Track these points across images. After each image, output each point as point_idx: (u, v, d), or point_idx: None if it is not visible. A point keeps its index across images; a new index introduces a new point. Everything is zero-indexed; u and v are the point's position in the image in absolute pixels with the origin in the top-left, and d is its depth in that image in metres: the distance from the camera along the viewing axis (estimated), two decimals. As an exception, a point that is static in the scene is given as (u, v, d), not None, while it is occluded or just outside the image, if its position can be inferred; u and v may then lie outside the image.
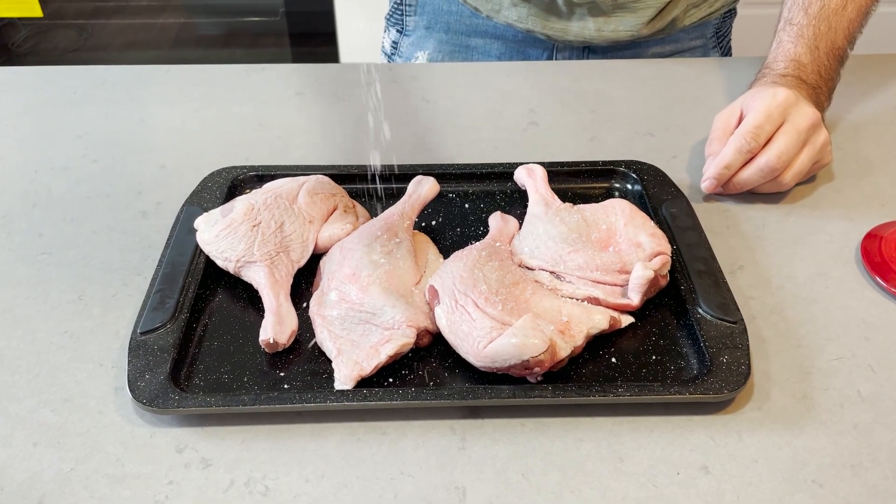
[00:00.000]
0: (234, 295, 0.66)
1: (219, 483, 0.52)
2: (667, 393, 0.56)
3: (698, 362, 0.59)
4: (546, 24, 0.98)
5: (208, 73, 0.99)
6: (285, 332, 0.60)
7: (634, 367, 0.59)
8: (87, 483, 0.52)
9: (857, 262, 0.70)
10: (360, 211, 0.72)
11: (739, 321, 0.60)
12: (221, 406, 0.55)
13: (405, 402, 0.55)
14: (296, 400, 0.55)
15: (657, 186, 0.75)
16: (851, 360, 0.61)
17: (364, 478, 0.53)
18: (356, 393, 0.56)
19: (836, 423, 0.56)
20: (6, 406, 0.57)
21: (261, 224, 0.66)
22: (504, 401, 0.56)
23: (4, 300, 0.66)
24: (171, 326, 0.60)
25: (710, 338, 0.59)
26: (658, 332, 0.62)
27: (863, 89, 0.96)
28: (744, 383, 0.56)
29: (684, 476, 0.53)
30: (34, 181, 0.80)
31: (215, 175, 0.76)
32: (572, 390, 0.56)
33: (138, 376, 0.56)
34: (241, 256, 0.64)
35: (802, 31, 0.84)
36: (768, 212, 0.76)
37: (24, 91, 0.94)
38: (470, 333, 0.57)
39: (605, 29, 0.98)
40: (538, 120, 0.90)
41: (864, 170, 0.82)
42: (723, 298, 0.62)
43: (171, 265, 0.65)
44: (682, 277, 0.65)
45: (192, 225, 0.68)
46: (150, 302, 0.62)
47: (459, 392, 0.56)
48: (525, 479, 0.53)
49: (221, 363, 0.60)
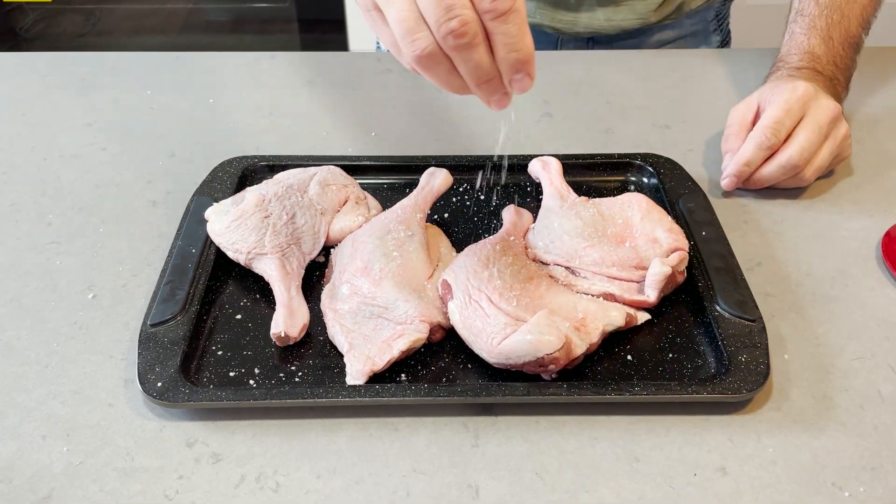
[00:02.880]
0: (244, 287, 0.65)
1: (229, 478, 0.52)
2: (684, 392, 0.55)
3: (716, 361, 0.58)
4: (555, 16, 0.97)
5: (218, 60, 0.98)
6: (297, 326, 0.59)
7: (651, 365, 0.58)
8: (96, 476, 0.52)
9: (877, 259, 0.69)
10: (371, 203, 0.71)
11: (758, 319, 0.59)
12: (232, 400, 0.55)
13: (417, 398, 0.55)
14: (307, 395, 0.55)
15: (674, 180, 0.74)
16: (872, 359, 0.60)
17: (376, 474, 0.52)
18: (368, 388, 0.55)
19: (856, 425, 0.55)
20: (15, 397, 0.56)
21: (272, 215, 0.65)
22: (518, 398, 0.55)
23: (13, 290, 0.65)
24: (181, 318, 0.59)
25: (729, 336, 0.58)
26: (675, 330, 0.61)
27: (881, 82, 0.94)
28: (763, 383, 0.55)
29: (701, 477, 0.52)
30: (43, 169, 0.79)
31: (226, 165, 0.75)
32: (587, 388, 0.55)
33: (148, 369, 0.56)
34: (252, 248, 0.63)
35: (815, 22, 0.82)
36: (786, 207, 0.75)
37: (32, 78, 0.94)
38: (484, 329, 0.56)
39: (615, 18, 0.97)
40: (552, 111, 0.88)
41: (885, 165, 0.80)
42: (741, 296, 0.61)
43: (182, 256, 0.64)
44: (699, 274, 0.64)
45: (203, 215, 0.67)
46: (160, 293, 0.61)
47: (473, 389, 0.55)
48: (539, 478, 0.52)
49: (232, 356, 0.59)
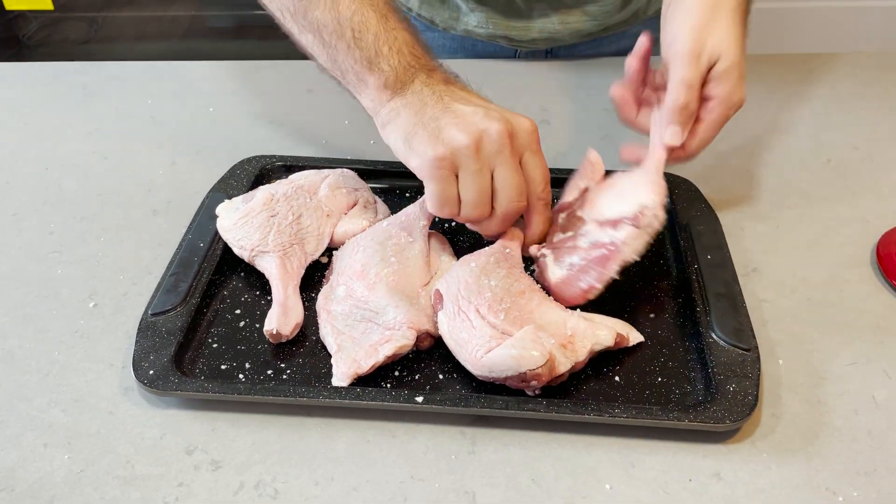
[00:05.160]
0: (247, 283, 0.66)
1: (229, 485, 0.52)
2: (665, 418, 0.54)
3: (704, 388, 0.57)
4: (507, 24, 0.95)
5: (219, 69, 0.99)
6: (289, 324, 0.60)
7: (638, 388, 0.57)
8: (97, 485, 0.52)
9: (872, 264, 0.69)
10: (380, 208, 0.72)
11: (753, 349, 0.58)
12: (218, 393, 0.56)
13: (407, 404, 0.55)
14: (290, 393, 0.56)
15: (686, 202, 0.73)
16: (866, 365, 0.60)
17: (374, 481, 0.53)
18: (358, 392, 0.55)
19: (850, 430, 0.56)
20: (16, 405, 0.57)
21: (278, 215, 0.66)
22: (496, 412, 0.55)
23: (15, 298, 0.66)
24: (181, 310, 0.61)
25: (720, 364, 0.57)
26: (667, 354, 0.60)
27: (879, 88, 0.94)
28: (748, 414, 0.54)
29: (696, 483, 0.52)
30: (45, 178, 0.79)
31: (244, 163, 0.77)
32: (567, 407, 0.54)
33: (143, 357, 0.57)
34: (256, 245, 0.65)
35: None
36: (782, 212, 0.75)
37: (34, 87, 0.94)
38: (469, 341, 0.56)
39: (570, 21, 0.95)
40: (549, 118, 0.89)
41: (880, 170, 0.81)
42: (739, 324, 0.60)
43: (189, 249, 0.66)
44: (699, 299, 0.63)
45: (215, 211, 0.68)
46: (164, 284, 0.63)
47: (452, 399, 0.56)
48: (535, 485, 0.52)
49: (226, 350, 0.60)
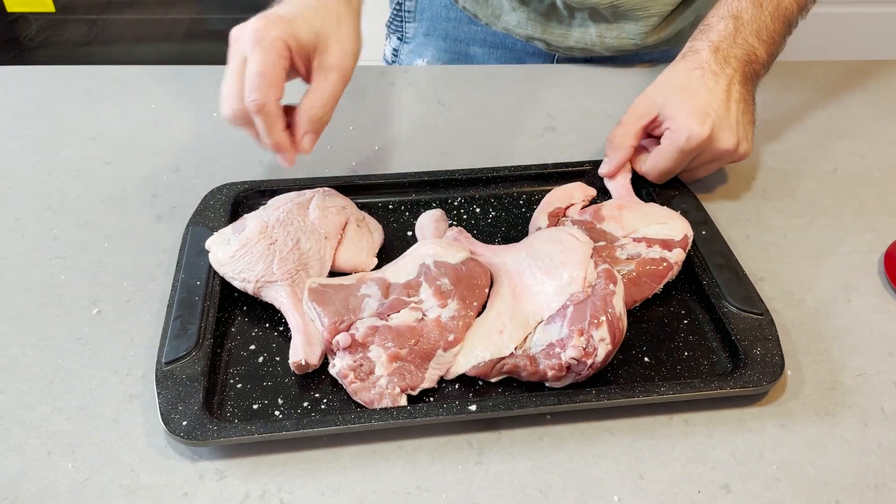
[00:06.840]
0: (254, 316, 0.64)
1: (234, 495, 0.52)
2: (707, 389, 0.56)
3: (731, 356, 0.60)
4: (546, 28, 0.96)
5: (222, 73, 0.98)
6: (315, 353, 0.58)
7: (668, 365, 0.60)
8: (102, 494, 0.52)
9: (880, 274, 0.69)
10: (372, 224, 0.70)
11: (765, 312, 0.61)
12: (264, 433, 0.53)
13: (421, 418, 0.55)
14: (340, 422, 0.54)
15: (662, 186, 0.75)
16: (875, 376, 0.60)
17: (380, 492, 0.52)
18: (410, 410, 0.55)
19: (859, 442, 0.55)
20: (20, 414, 0.57)
21: (277, 242, 0.64)
22: (523, 410, 0.55)
23: (18, 305, 0.65)
24: (196, 354, 0.58)
25: (740, 331, 0.60)
26: (686, 328, 0.63)
27: (884, 96, 0.94)
28: (780, 374, 0.57)
29: (705, 494, 0.52)
30: (47, 183, 0.79)
31: (216, 192, 0.73)
32: (616, 392, 0.56)
33: (171, 408, 0.54)
34: (261, 276, 0.62)
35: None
36: (789, 222, 0.75)
37: (37, 91, 0.94)
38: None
39: (608, 36, 0.95)
40: (554, 125, 0.89)
41: (888, 179, 0.81)
42: (746, 291, 0.63)
43: (187, 289, 0.63)
44: (702, 272, 0.65)
45: (202, 246, 0.65)
46: (170, 329, 0.59)
47: (477, 403, 0.55)
48: (543, 495, 0.52)
49: (252, 388, 0.58)
